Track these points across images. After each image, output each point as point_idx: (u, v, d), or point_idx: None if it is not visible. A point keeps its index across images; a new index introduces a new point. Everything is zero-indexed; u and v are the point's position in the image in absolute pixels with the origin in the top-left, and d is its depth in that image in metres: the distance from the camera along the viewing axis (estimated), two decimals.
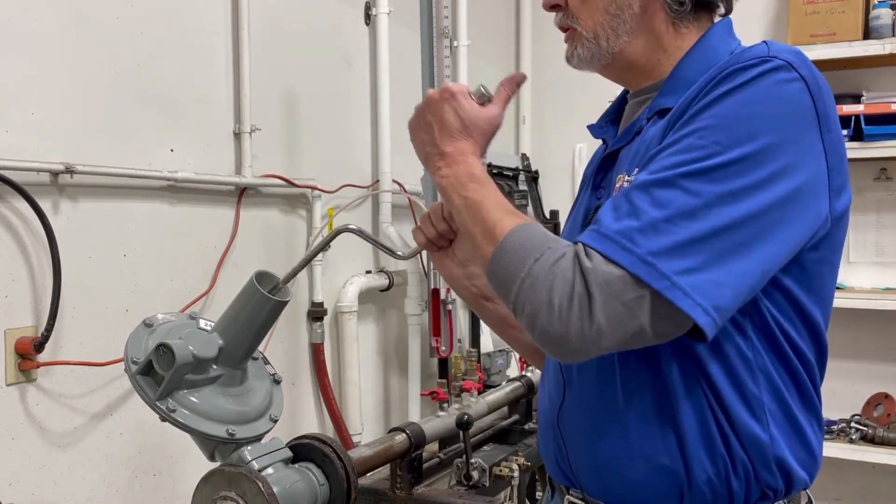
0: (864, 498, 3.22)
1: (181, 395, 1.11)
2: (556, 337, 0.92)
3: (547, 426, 1.19)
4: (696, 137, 0.95)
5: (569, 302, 0.91)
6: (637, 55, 1.13)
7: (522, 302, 0.94)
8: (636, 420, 1.06)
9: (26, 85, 1.77)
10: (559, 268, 0.92)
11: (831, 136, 1.00)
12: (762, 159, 0.94)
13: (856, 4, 2.94)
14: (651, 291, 0.90)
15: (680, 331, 0.94)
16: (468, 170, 1.07)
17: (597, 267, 0.91)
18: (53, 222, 1.78)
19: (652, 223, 0.92)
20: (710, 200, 0.92)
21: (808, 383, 1.07)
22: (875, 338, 3.17)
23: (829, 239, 1.03)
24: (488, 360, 2.99)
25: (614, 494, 1.10)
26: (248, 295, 1.16)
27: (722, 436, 1.03)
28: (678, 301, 0.90)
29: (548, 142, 3.74)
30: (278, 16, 2.46)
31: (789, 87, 0.97)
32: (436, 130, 1.10)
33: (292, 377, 2.54)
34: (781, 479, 1.05)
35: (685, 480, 1.04)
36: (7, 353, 1.73)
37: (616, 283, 0.90)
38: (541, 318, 0.92)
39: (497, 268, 0.99)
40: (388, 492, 1.65)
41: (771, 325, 1.03)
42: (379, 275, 2.84)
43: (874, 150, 2.93)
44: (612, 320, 0.90)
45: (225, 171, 2.28)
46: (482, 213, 1.03)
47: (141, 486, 2.03)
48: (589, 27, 1.12)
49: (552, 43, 3.68)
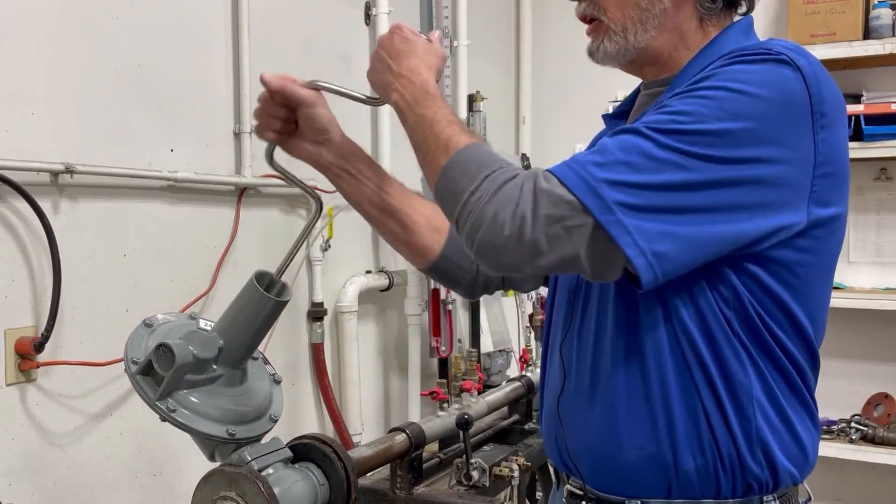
0: (864, 498, 3.22)
1: (181, 395, 1.11)
2: (494, 247, 0.95)
3: (548, 413, 1.21)
4: (683, 103, 0.97)
5: (511, 216, 0.94)
6: (661, 50, 1.13)
7: (467, 214, 0.97)
8: (628, 408, 1.08)
9: (26, 85, 1.77)
10: (510, 185, 0.95)
11: (825, 133, 0.99)
12: (740, 140, 0.95)
13: (856, 4, 2.93)
14: (594, 223, 0.93)
15: (615, 268, 0.97)
16: (423, 87, 1.09)
17: (552, 188, 0.94)
18: (53, 222, 1.78)
19: (614, 161, 0.95)
20: (677, 158, 0.94)
21: (798, 382, 1.08)
22: (875, 338, 3.16)
23: (816, 243, 1.04)
24: (488, 360, 2.99)
25: (607, 482, 1.12)
26: (248, 295, 1.16)
27: (709, 426, 1.05)
28: (618, 237, 0.93)
29: (548, 142, 3.73)
30: (278, 16, 2.46)
31: (787, 80, 0.98)
32: (388, 59, 1.13)
33: (292, 377, 2.54)
34: (768, 471, 1.06)
35: (673, 470, 1.06)
36: (7, 353, 1.73)
37: (563, 205, 0.93)
38: (482, 230, 0.96)
39: (446, 182, 1.01)
40: (388, 492, 1.65)
41: (758, 324, 1.04)
42: (379, 275, 2.84)
43: (874, 150, 2.93)
44: (551, 240, 0.94)
45: (225, 171, 2.28)
46: (435, 128, 1.05)
47: (141, 486, 2.03)
48: (618, 20, 1.11)
49: (552, 43, 3.70)
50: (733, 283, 1.02)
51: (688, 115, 0.96)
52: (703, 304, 1.03)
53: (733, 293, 1.03)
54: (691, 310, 1.04)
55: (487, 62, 3.51)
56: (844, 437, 3.02)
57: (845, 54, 2.94)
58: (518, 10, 3.78)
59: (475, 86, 3.03)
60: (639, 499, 1.10)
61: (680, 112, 0.96)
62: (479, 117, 2.90)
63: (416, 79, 1.10)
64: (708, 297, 1.03)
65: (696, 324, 1.04)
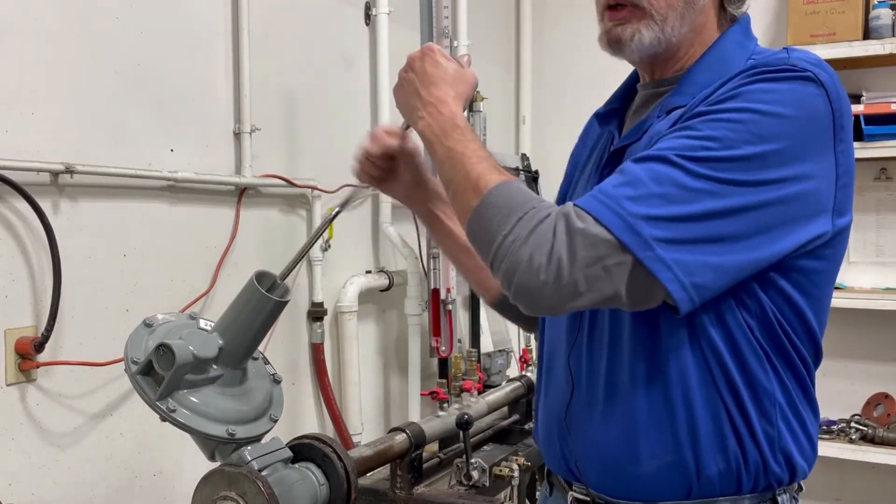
0: (864, 498, 3.22)
1: (181, 395, 1.11)
2: (532, 291, 0.94)
3: (552, 422, 1.19)
4: (710, 127, 0.96)
5: (547, 261, 0.92)
6: (681, 45, 1.11)
7: (501, 258, 0.96)
8: (649, 419, 1.07)
9: (26, 85, 1.77)
10: (543, 227, 0.94)
11: (843, 145, 1.01)
12: (771, 162, 0.95)
13: (856, 4, 2.93)
14: (633, 259, 0.92)
15: (654, 301, 0.97)
16: (451, 119, 1.08)
17: (587, 228, 0.93)
18: (53, 222, 1.77)
19: (648, 195, 0.93)
20: (710, 186, 0.94)
21: (808, 382, 1.10)
22: (875, 338, 3.16)
23: (832, 251, 1.05)
24: (488, 360, 2.99)
25: (623, 490, 1.11)
26: (248, 295, 1.16)
27: (735, 432, 1.05)
28: (659, 273, 0.92)
29: (548, 142, 3.73)
30: (278, 16, 2.46)
31: (812, 97, 0.98)
32: (417, 83, 1.12)
33: (292, 377, 2.54)
34: (787, 470, 1.08)
35: (695, 475, 1.06)
36: (7, 353, 1.73)
37: (601, 245, 0.92)
38: (518, 274, 0.95)
39: (479, 222, 1.00)
40: (388, 492, 1.65)
41: (777, 330, 1.05)
42: (379, 275, 2.84)
43: (874, 150, 2.93)
44: (590, 281, 0.93)
45: (225, 171, 2.28)
46: (465, 165, 1.04)
47: (141, 486, 2.03)
48: (661, 7, 1.07)
49: (552, 43, 3.70)
50: (758, 295, 1.03)
51: (716, 140, 0.95)
52: (729, 317, 1.03)
53: (757, 303, 1.03)
54: (716, 323, 1.04)
55: (487, 62, 3.51)
56: (844, 437, 3.02)
57: (845, 54, 2.94)
58: (518, 10, 3.77)
59: None
60: (656, 503, 1.09)
61: (708, 137, 0.95)
62: (479, 117, 2.90)
63: (445, 109, 1.09)
64: (734, 311, 1.03)
65: (722, 337, 1.04)
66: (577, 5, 3.55)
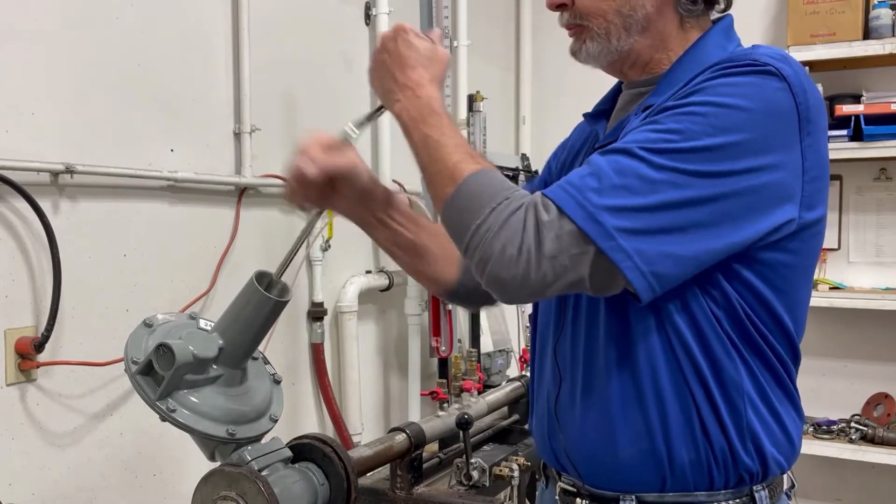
0: (864, 498, 3.22)
1: (181, 395, 1.11)
2: (504, 282, 0.98)
3: (543, 415, 1.22)
4: (673, 120, 0.99)
5: (518, 252, 0.95)
6: (643, 53, 1.14)
7: (475, 247, 0.99)
8: (623, 407, 1.10)
9: (26, 85, 1.77)
10: (514, 219, 0.97)
11: (811, 139, 1.02)
12: (732, 153, 0.97)
13: (856, 4, 2.93)
14: (596, 249, 0.95)
15: (617, 288, 1.00)
16: (428, 103, 1.09)
17: (552, 220, 0.96)
18: (53, 222, 1.78)
19: (611, 186, 0.96)
20: (672, 177, 0.96)
21: (784, 375, 1.11)
22: (875, 338, 3.16)
23: (801, 245, 1.06)
24: (488, 360, 2.99)
25: (603, 478, 1.14)
26: (248, 295, 1.16)
27: (701, 421, 1.07)
28: (620, 262, 0.95)
29: (548, 142, 3.71)
30: (278, 16, 2.46)
31: (773, 91, 1.00)
32: (391, 65, 1.12)
33: (292, 377, 2.54)
34: (758, 462, 1.09)
35: (667, 464, 1.09)
36: (7, 353, 1.73)
37: (566, 237, 0.95)
38: (491, 265, 0.97)
39: (453, 211, 1.02)
40: (388, 492, 1.65)
41: (745, 322, 1.07)
42: (379, 275, 2.84)
43: (874, 150, 2.93)
44: (556, 270, 0.96)
45: (225, 171, 2.28)
46: (441, 152, 1.05)
47: (141, 486, 2.03)
48: (601, 25, 1.12)
49: (552, 43, 3.70)
50: (723, 285, 1.05)
51: (679, 132, 0.97)
52: (694, 305, 1.06)
53: (722, 294, 1.05)
54: (682, 311, 1.06)
55: (487, 62, 3.51)
56: (844, 437, 3.02)
57: (845, 54, 2.94)
58: (518, 10, 3.78)
59: (475, 86, 3.03)
60: (633, 493, 1.12)
61: (671, 130, 0.98)
62: (479, 117, 2.90)
63: (422, 93, 1.09)
64: (699, 299, 1.05)
65: (688, 324, 1.06)
66: None
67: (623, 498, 1.12)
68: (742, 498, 1.10)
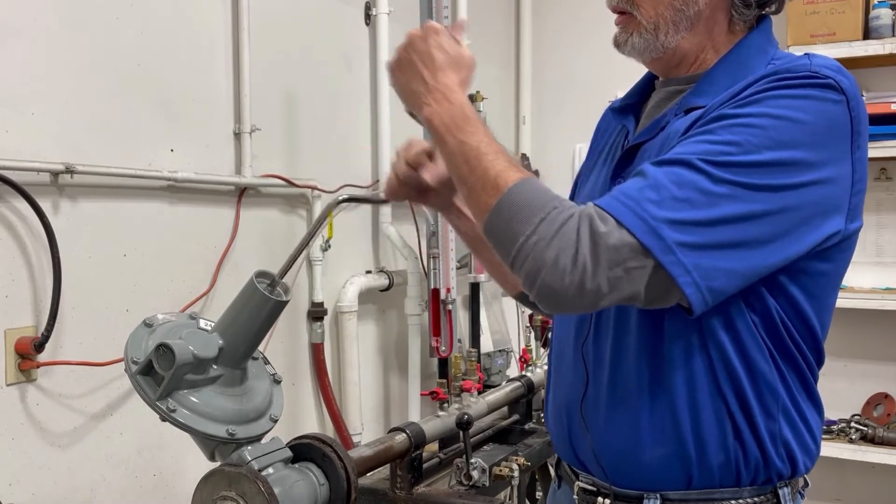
0: (864, 498, 3.22)
1: (181, 395, 1.11)
2: (556, 292, 0.94)
3: (564, 414, 1.20)
4: (730, 132, 0.97)
5: (572, 263, 0.92)
6: (688, 51, 1.12)
7: (524, 258, 0.96)
8: (651, 413, 1.08)
9: (26, 85, 1.77)
10: (567, 228, 0.94)
11: (860, 152, 1.02)
12: (791, 168, 0.96)
13: (856, 4, 2.93)
14: (655, 263, 0.93)
15: (670, 301, 0.98)
16: (462, 109, 1.06)
17: (610, 231, 0.93)
18: (53, 222, 1.78)
19: (670, 198, 0.94)
20: (732, 190, 0.94)
21: (811, 380, 1.11)
22: (875, 338, 3.16)
23: (840, 254, 1.06)
24: (488, 360, 2.99)
25: (629, 478, 1.13)
26: (248, 295, 1.15)
27: (735, 429, 1.06)
28: (679, 277, 0.93)
29: (548, 142, 3.73)
30: (278, 16, 2.46)
31: (832, 104, 0.99)
32: (420, 66, 1.09)
33: (292, 377, 2.54)
34: (789, 464, 1.09)
35: (696, 465, 1.08)
36: (7, 353, 1.73)
37: (624, 249, 0.92)
38: (543, 275, 0.94)
39: (499, 220, 0.99)
40: (388, 492, 1.65)
41: (780, 328, 1.06)
42: (379, 275, 2.84)
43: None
44: (612, 283, 0.93)
45: (225, 171, 2.28)
46: (482, 161, 1.02)
47: (141, 486, 2.03)
48: (650, 17, 1.10)
49: (552, 43, 3.70)
50: (765, 297, 1.04)
51: (737, 145, 0.95)
52: (738, 317, 1.05)
53: (763, 305, 1.05)
54: (723, 322, 1.05)
55: (487, 62, 3.51)
56: (844, 437, 3.02)
57: (845, 54, 2.94)
58: (518, 10, 3.77)
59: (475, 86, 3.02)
60: (658, 492, 1.11)
61: (729, 142, 0.96)
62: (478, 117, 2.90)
63: (454, 98, 1.06)
64: (743, 313, 1.05)
65: (729, 336, 1.05)
66: (577, 6, 3.55)
67: (647, 496, 1.11)
68: (766, 495, 1.10)
